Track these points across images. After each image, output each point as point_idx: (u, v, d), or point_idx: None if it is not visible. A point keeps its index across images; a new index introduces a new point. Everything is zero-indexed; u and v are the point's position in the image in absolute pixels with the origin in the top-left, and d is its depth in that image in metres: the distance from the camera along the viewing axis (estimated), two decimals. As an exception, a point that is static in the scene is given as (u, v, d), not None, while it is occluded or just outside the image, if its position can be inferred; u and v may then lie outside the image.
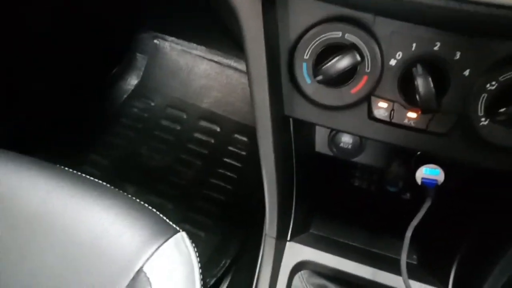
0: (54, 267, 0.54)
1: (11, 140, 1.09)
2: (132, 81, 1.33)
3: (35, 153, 0.68)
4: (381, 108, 0.48)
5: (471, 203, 0.60)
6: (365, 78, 0.47)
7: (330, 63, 0.45)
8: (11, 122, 1.12)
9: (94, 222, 0.58)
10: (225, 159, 1.23)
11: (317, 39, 0.46)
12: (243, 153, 1.24)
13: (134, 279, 0.54)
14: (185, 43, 1.29)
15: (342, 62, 0.45)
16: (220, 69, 1.29)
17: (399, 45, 0.45)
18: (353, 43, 0.45)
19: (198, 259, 0.59)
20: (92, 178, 0.65)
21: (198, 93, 1.30)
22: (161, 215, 0.63)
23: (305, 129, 0.62)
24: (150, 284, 0.54)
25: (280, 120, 0.52)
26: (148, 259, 0.56)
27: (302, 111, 0.51)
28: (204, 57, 1.30)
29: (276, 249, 0.62)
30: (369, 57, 0.45)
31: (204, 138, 1.27)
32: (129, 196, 0.65)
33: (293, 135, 0.57)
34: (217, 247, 1.08)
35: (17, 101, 1.13)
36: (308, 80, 0.49)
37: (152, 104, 1.31)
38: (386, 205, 0.72)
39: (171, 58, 1.32)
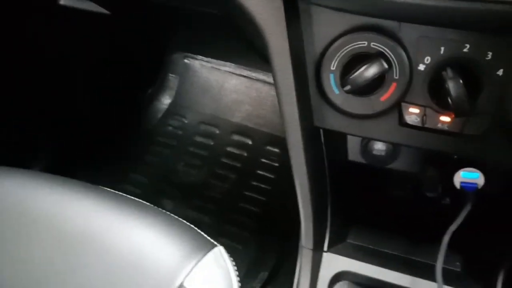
0: (97, 286, 0.56)
1: (54, 161, 1.16)
2: (166, 100, 1.38)
3: (77, 174, 0.72)
4: (413, 114, 0.48)
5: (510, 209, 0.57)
6: (394, 85, 0.46)
7: (357, 72, 0.45)
8: (54, 144, 1.19)
9: (136, 241, 0.61)
10: (258, 171, 1.24)
11: (343, 49, 0.46)
12: (276, 164, 1.25)
13: (176, 294, 0.56)
14: (214, 60, 1.33)
15: (370, 71, 0.45)
16: (250, 83, 1.32)
17: (427, 50, 0.44)
18: (380, 51, 0.45)
19: (237, 272, 0.60)
20: (132, 197, 0.68)
21: (229, 108, 1.32)
22: (199, 230, 0.65)
23: (337, 138, 0.62)
24: (191, 298, 0.55)
25: (310, 131, 0.53)
26: (188, 274, 0.57)
27: (332, 121, 0.51)
28: (233, 73, 1.32)
29: (313, 260, 0.61)
30: (396, 64, 0.45)
31: (237, 151, 1.28)
32: (168, 213, 0.67)
33: (324, 145, 0.57)
34: (254, 260, 1.08)
35: (61, 124, 1.20)
36: (336, 91, 0.49)
37: (186, 121, 1.35)
38: (425, 211, 0.70)
39: (201, 76, 1.35)
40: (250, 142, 1.29)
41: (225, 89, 1.34)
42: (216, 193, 1.22)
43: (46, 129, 1.16)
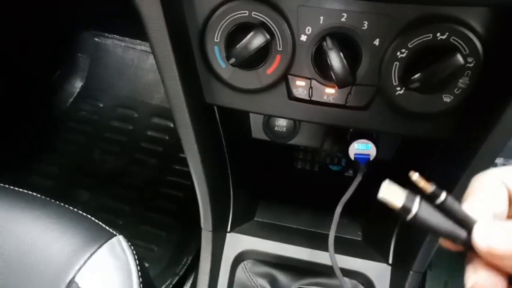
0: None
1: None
2: (77, 83, 1.27)
3: None
4: (300, 86, 0.46)
5: (404, 175, 0.59)
6: (278, 57, 0.45)
7: (241, 44, 0.43)
8: None
9: (21, 236, 0.55)
10: (181, 155, 1.20)
11: (224, 20, 0.44)
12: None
13: (65, 291, 0.52)
14: (128, 39, 1.24)
15: (253, 43, 0.43)
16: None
17: (307, 20, 0.43)
18: (262, 21, 0.43)
19: (137, 262, 0.56)
20: (19, 189, 0.61)
21: (147, 89, 1.26)
22: (96, 220, 0.60)
23: (237, 116, 0.60)
24: (81, 294, 0.51)
25: (201, 108, 0.50)
26: (80, 268, 0.53)
27: (222, 97, 0.49)
28: (149, 52, 1.25)
29: (214, 242, 0.60)
30: (279, 35, 0.43)
31: (157, 135, 1.23)
32: (61, 204, 0.61)
33: (220, 123, 0.55)
34: (178, 245, 1.05)
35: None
36: (223, 64, 0.46)
37: (101, 105, 1.26)
38: (330, 184, 0.71)
39: (115, 56, 1.27)
40: (171, 125, 1.24)
41: (141, 69, 1.26)
42: (137, 180, 1.16)
43: None
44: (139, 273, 0.55)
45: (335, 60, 0.42)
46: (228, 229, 0.63)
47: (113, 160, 1.19)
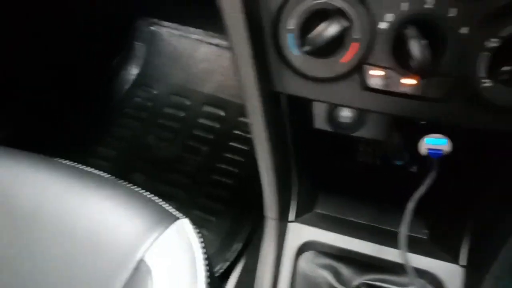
0: (52, 263, 0.54)
1: (14, 137, 1.10)
2: (133, 70, 1.32)
3: (40, 150, 0.68)
4: (375, 76, 0.45)
5: (481, 172, 0.56)
6: (355, 45, 0.43)
7: (316, 31, 0.42)
8: (13, 119, 1.13)
9: (92, 214, 0.58)
10: (232, 143, 1.22)
11: (300, 5, 0.43)
12: (249, 135, 1.22)
13: (135, 269, 0.54)
14: (182, 27, 1.27)
15: (329, 30, 0.42)
16: (220, 52, 1.27)
17: (388, 6, 0.41)
18: (339, 7, 0.42)
19: (203, 244, 0.58)
20: (90, 169, 0.64)
21: (200, 78, 1.28)
22: (162, 203, 0.62)
23: (301, 105, 0.59)
24: (150, 273, 0.53)
25: (270, 96, 0.50)
26: (148, 248, 0.55)
27: (292, 85, 0.48)
28: (202, 41, 1.27)
29: (278, 230, 0.60)
30: (356, 22, 0.42)
31: (209, 123, 1.25)
32: (129, 185, 0.64)
33: (287, 111, 0.54)
34: (228, 232, 1.07)
35: (18, 98, 1.13)
36: (295, 52, 0.46)
37: (155, 92, 1.30)
38: (393, 179, 0.69)
39: (169, 44, 1.29)
40: (222, 114, 1.26)
41: (194, 58, 1.28)
42: (188, 166, 1.19)
43: (10, 101, 1.09)
44: (205, 255, 0.57)
45: (417, 49, 0.40)
46: (292, 219, 0.63)
47: (166, 146, 1.23)
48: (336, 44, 0.44)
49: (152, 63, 1.31)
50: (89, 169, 0.65)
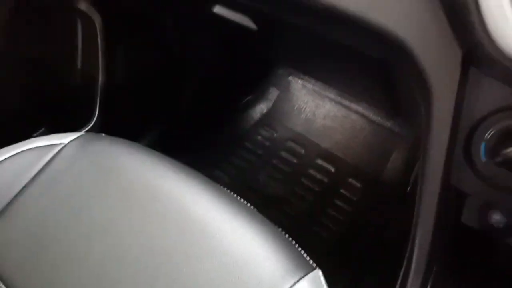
0: (209, 275, 0.61)
1: (155, 142, 1.26)
2: (262, 110, 1.44)
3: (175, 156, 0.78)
4: None
5: None
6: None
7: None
8: (158, 128, 1.30)
9: (245, 246, 0.64)
10: (335, 200, 1.26)
11: (503, 121, 0.48)
12: (354, 198, 1.26)
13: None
14: (317, 83, 1.37)
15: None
16: (347, 113, 1.34)
17: None
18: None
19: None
20: (243, 201, 0.72)
21: (320, 132, 1.36)
22: (299, 249, 0.68)
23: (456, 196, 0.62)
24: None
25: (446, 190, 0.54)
26: (284, 293, 0.59)
27: (472, 186, 0.52)
28: (332, 100, 1.36)
29: None
30: None
31: (318, 175, 1.31)
32: (272, 224, 0.71)
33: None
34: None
35: (166, 112, 1.31)
36: (484, 158, 0.50)
37: (275, 134, 1.40)
38: None
39: (300, 95, 1.40)
40: (333, 170, 1.31)
41: (320, 113, 1.37)
42: (292, 210, 1.25)
43: (155, 114, 1.26)
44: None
45: None
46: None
47: (275, 185, 1.31)
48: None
49: (280, 108, 1.42)
50: (242, 201, 0.73)
